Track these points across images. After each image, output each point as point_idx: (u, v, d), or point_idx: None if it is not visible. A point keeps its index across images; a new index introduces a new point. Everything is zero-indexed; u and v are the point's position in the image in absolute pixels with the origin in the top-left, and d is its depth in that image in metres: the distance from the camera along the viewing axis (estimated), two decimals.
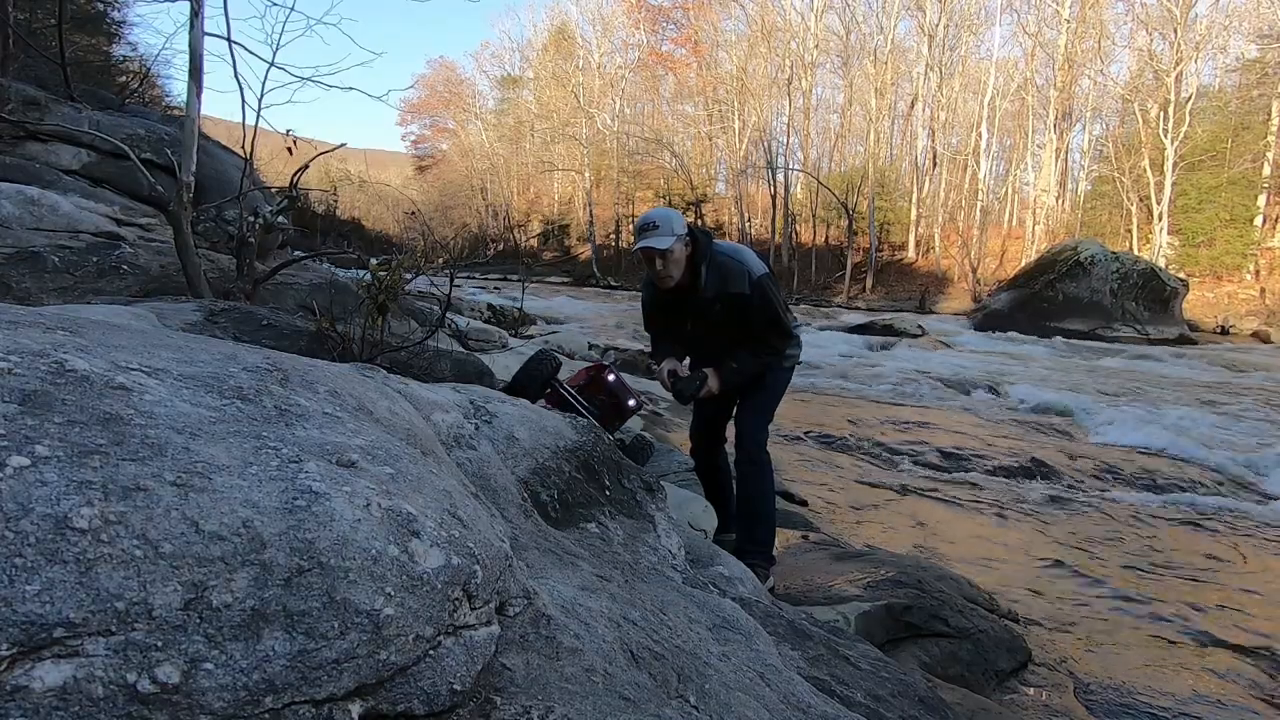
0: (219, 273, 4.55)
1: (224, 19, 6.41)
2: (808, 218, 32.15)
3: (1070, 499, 4.34)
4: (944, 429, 6.01)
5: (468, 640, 0.83)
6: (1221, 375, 10.57)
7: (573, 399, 2.61)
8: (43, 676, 0.57)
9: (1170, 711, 2.22)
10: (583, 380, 2.80)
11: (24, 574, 0.58)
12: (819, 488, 4.28)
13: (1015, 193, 31.33)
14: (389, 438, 1.05)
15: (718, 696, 1.07)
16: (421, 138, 56.90)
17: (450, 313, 4.37)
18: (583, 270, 34.84)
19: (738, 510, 2.71)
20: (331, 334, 3.16)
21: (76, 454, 0.69)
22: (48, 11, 9.94)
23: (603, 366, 2.90)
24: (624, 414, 2.82)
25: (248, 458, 0.79)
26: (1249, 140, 22.70)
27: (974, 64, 31.42)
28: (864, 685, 1.52)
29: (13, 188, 5.23)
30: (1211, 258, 22.34)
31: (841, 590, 2.47)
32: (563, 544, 1.41)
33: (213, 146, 8.88)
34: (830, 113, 35.31)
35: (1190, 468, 5.07)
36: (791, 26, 31.56)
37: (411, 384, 1.67)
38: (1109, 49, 27.84)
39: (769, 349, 2.65)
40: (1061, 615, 2.84)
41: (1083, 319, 16.10)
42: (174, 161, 4.07)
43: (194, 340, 1.19)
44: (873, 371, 9.26)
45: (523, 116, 43.42)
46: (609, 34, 38.96)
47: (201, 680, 0.62)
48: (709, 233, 2.67)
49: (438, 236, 22.17)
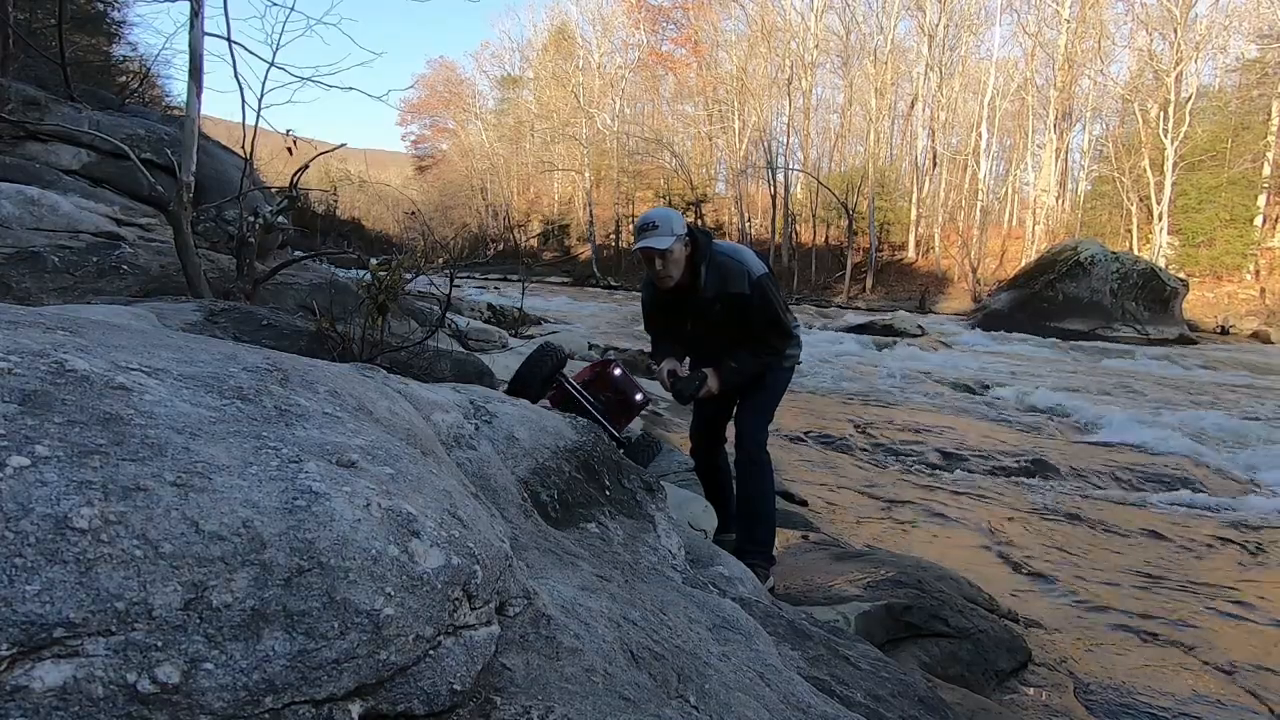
0: (219, 273, 4.55)
1: (224, 19, 6.42)
2: (808, 218, 32.15)
3: (1070, 498, 4.34)
4: (943, 429, 6.01)
5: (468, 640, 0.83)
6: (1221, 375, 10.57)
7: (579, 394, 2.56)
8: (43, 676, 0.57)
9: (1170, 711, 2.21)
10: (588, 376, 2.74)
11: (24, 574, 0.58)
12: (819, 488, 4.28)
13: (1015, 193, 31.33)
14: (389, 438, 1.05)
15: (718, 696, 1.07)
16: (421, 138, 56.97)
17: (450, 313, 4.37)
18: (583, 270, 34.84)
19: (738, 510, 2.71)
20: (331, 334, 3.16)
21: (76, 454, 0.68)
22: (48, 11, 9.94)
23: (608, 361, 2.85)
24: (631, 410, 2.76)
25: (248, 458, 0.79)
26: (1249, 140, 22.70)
27: (974, 64, 31.44)
28: (864, 685, 1.52)
29: (13, 188, 5.23)
30: (1211, 258, 22.35)
31: (841, 590, 2.47)
32: (563, 544, 1.41)
33: (213, 146, 8.88)
34: (830, 113, 35.35)
35: (1190, 467, 5.07)
36: (791, 26, 31.57)
37: (411, 384, 1.67)
38: (1109, 49, 27.86)
39: (769, 349, 2.65)
40: (1061, 615, 2.84)
41: (1083, 319, 16.11)
42: (174, 161, 4.07)
43: (194, 340, 1.19)
44: (873, 371, 9.26)
45: (523, 116, 43.42)
46: (609, 34, 39.00)
47: (201, 680, 0.62)
48: (709, 233, 2.67)
49: (438, 236, 22.13)
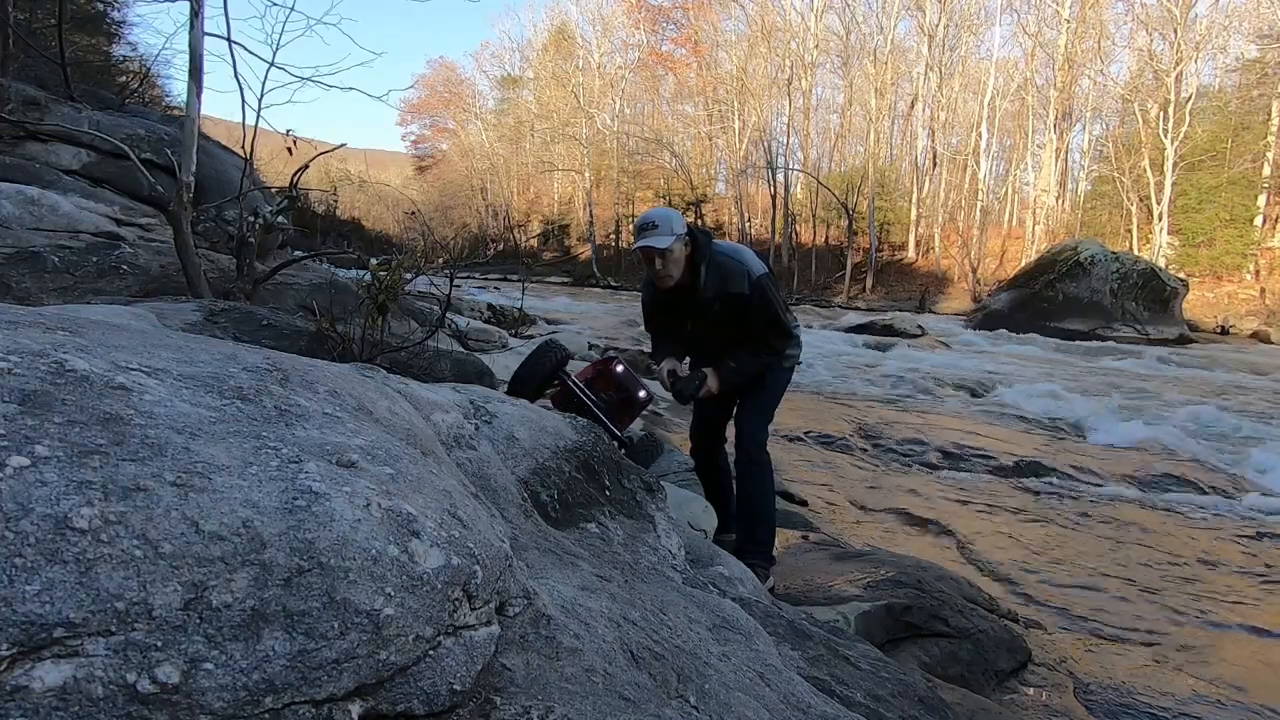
0: (219, 273, 4.55)
1: (224, 19, 6.42)
2: (808, 218, 32.15)
3: (1070, 498, 4.34)
4: (943, 429, 6.01)
5: (468, 640, 0.83)
6: (1221, 375, 10.57)
7: (581, 392, 2.52)
8: (43, 676, 0.57)
9: (1170, 711, 2.21)
10: (590, 374, 2.70)
11: (24, 574, 0.58)
12: (819, 488, 4.28)
13: (1015, 193, 31.33)
14: (389, 438, 1.05)
15: (718, 696, 1.07)
16: (421, 138, 56.95)
17: (450, 313, 4.37)
18: (583, 270, 34.84)
19: (738, 510, 2.71)
20: (331, 334, 3.16)
21: (76, 454, 0.68)
22: (48, 11, 9.94)
23: (610, 359, 2.79)
24: (635, 407, 2.70)
25: (248, 458, 0.79)
26: (1249, 140, 22.70)
27: (974, 64, 31.44)
28: (864, 685, 1.52)
29: (13, 188, 5.23)
30: (1211, 258, 22.34)
31: (841, 590, 2.47)
32: (563, 544, 1.41)
33: (213, 146, 8.88)
34: (830, 113, 35.34)
35: (1190, 467, 5.07)
36: (791, 26, 31.57)
37: (411, 384, 1.67)
38: (1109, 49, 27.87)
39: (768, 349, 2.65)
40: (1061, 615, 2.84)
41: (1083, 319, 16.10)
42: (174, 161, 4.07)
43: (194, 340, 1.19)
44: (873, 372, 9.26)
45: (523, 116, 43.41)
46: (609, 34, 38.99)
47: (201, 680, 0.62)
48: (708, 233, 2.67)
49: (438, 236, 22.10)
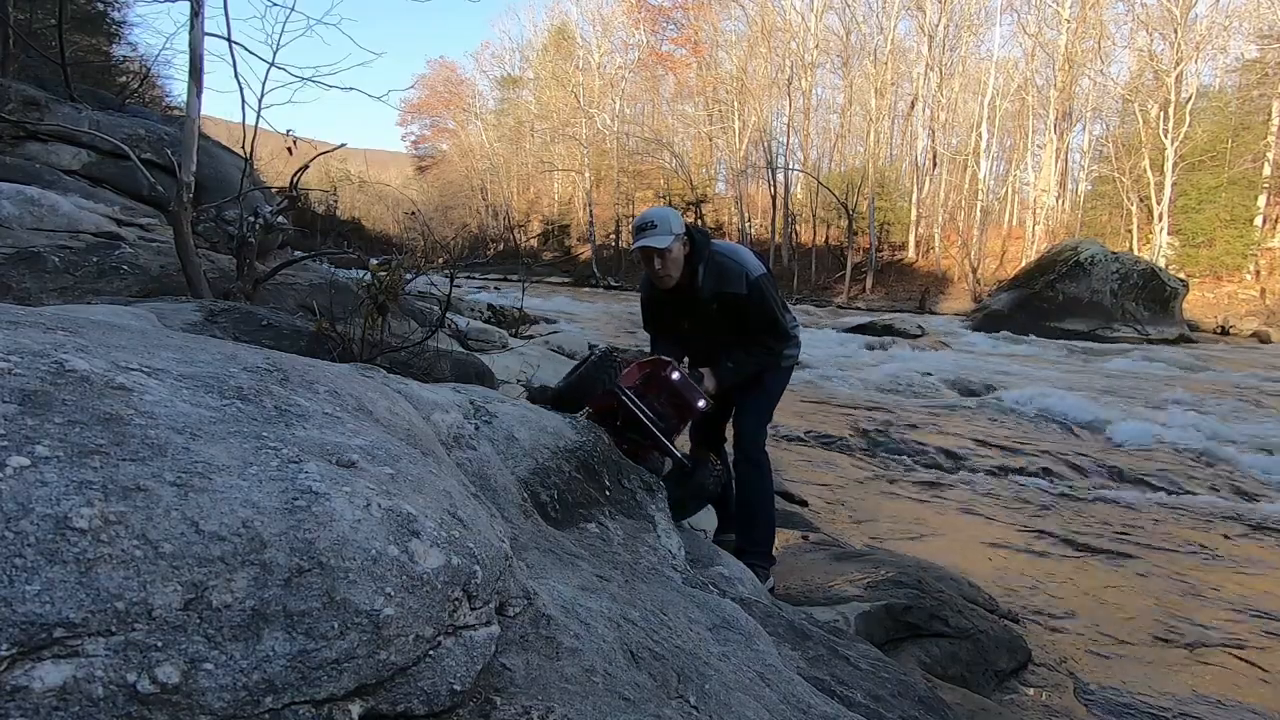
0: (219, 273, 4.55)
1: (224, 19, 6.40)
2: (808, 218, 32.15)
3: (1070, 498, 4.34)
4: (944, 429, 6.01)
5: (468, 640, 0.83)
6: (1222, 375, 10.56)
7: (636, 408, 2.16)
8: (43, 676, 0.57)
9: (1170, 711, 2.21)
10: (636, 379, 2.31)
11: (24, 574, 0.58)
12: (819, 488, 4.28)
13: (1015, 193, 31.30)
14: (389, 438, 1.05)
15: (717, 696, 1.07)
16: (421, 138, 56.94)
17: (450, 313, 4.36)
18: (583, 270, 34.85)
19: (737, 511, 2.71)
20: (331, 334, 3.15)
21: (76, 454, 0.68)
22: (48, 11, 9.94)
23: (664, 362, 2.35)
24: (690, 417, 2.35)
25: (248, 458, 0.79)
26: (1249, 140, 22.69)
27: (974, 64, 31.39)
28: (864, 685, 1.52)
29: (13, 188, 5.22)
30: (1211, 258, 22.33)
31: (841, 590, 2.47)
32: (563, 544, 1.41)
33: (213, 146, 8.87)
34: (830, 113, 35.30)
35: (1191, 467, 5.07)
36: (791, 27, 31.56)
37: (411, 384, 1.67)
38: (1109, 49, 27.85)
39: (765, 349, 2.65)
40: (1061, 615, 2.84)
41: (1083, 319, 16.11)
42: (174, 161, 4.07)
43: (194, 340, 1.19)
44: (873, 372, 9.25)
45: (523, 116, 43.41)
46: (609, 34, 38.99)
47: (201, 680, 0.62)
48: (707, 233, 2.67)
49: (438, 236, 22.14)
